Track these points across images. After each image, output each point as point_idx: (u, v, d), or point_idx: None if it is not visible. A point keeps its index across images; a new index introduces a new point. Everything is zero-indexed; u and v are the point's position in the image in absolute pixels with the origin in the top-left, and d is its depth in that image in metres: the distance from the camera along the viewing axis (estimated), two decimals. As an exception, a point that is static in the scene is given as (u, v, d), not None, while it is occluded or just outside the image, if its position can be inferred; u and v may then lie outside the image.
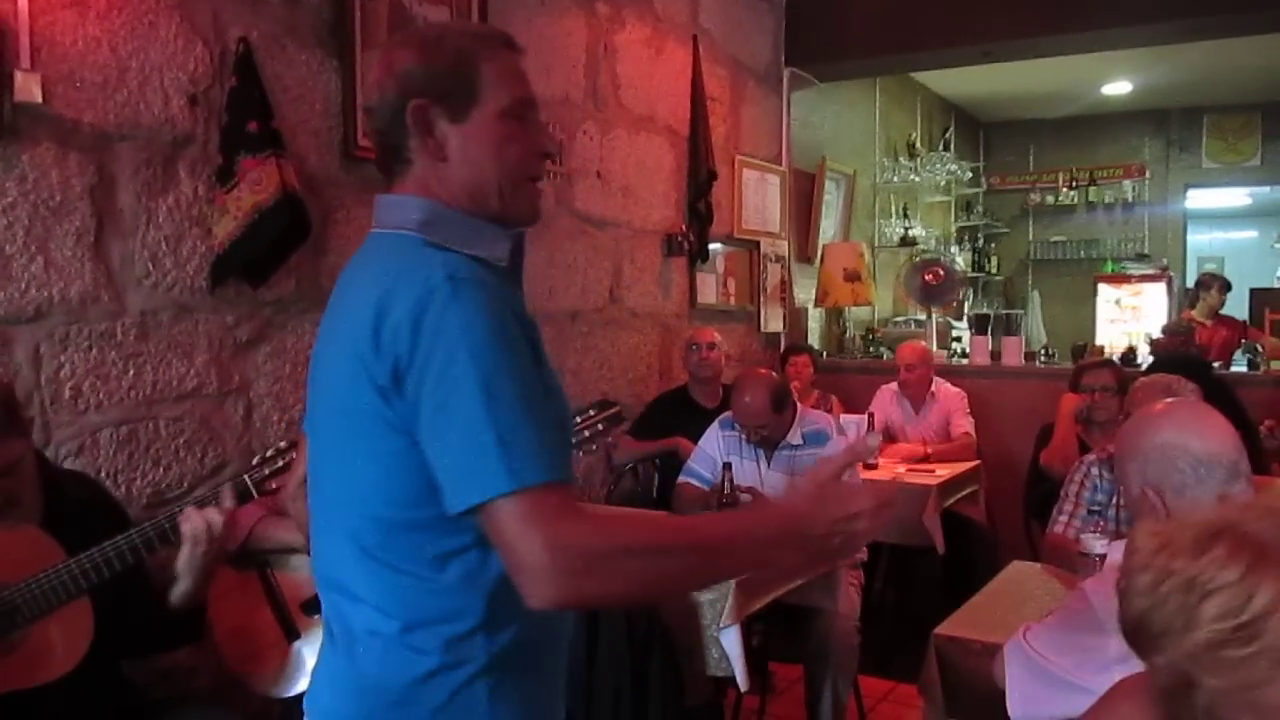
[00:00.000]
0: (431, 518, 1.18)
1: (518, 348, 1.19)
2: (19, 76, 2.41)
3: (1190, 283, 8.93)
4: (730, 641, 2.76)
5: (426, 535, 1.21)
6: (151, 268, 2.75)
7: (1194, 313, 6.48)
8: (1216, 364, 5.64)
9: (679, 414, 4.28)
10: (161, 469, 2.78)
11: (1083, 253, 9.56)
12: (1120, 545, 1.90)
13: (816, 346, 6.39)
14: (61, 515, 2.02)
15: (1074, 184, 9.57)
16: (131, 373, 2.71)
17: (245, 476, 2.03)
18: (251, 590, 2.44)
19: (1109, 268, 8.99)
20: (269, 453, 2.05)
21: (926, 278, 6.45)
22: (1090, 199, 9.56)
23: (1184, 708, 1.04)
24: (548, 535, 1.10)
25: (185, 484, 2.81)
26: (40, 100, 2.46)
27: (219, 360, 2.91)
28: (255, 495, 2.03)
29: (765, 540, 1.23)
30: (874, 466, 4.52)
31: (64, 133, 2.55)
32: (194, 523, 1.97)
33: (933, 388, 5.11)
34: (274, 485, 2.00)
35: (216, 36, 2.88)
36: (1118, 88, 8.49)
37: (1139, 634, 1.08)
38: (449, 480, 1.15)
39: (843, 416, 4.75)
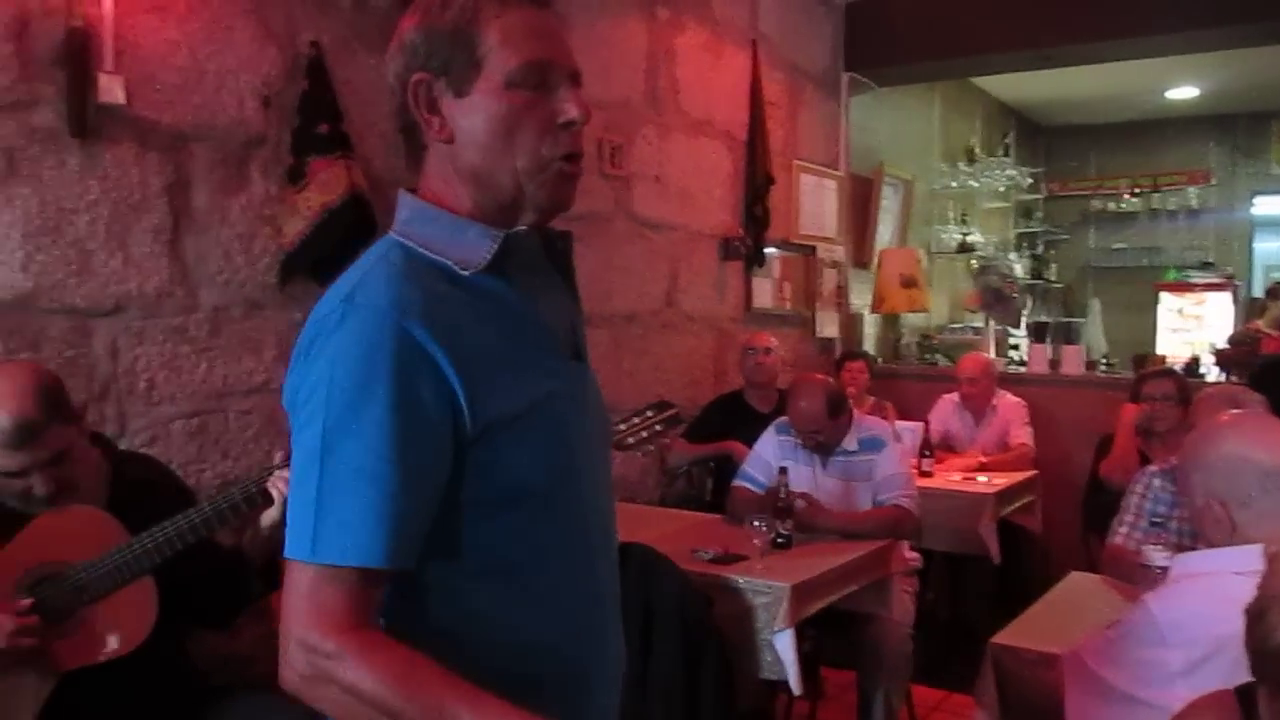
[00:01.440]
0: None
1: (385, 399, 1.03)
2: (103, 79, 2.50)
3: (1256, 292, 8.76)
4: (784, 645, 2.76)
5: None
6: (224, 264, 2.82)
7: (1260, 323, 6.35)
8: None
9: (734, 418, 4.29)
10: (230, 460, 2.86)
11: (1144, 260, 9.39)
12: (1184, 558, 1.89)
13: (872, 352, 6.37)
14: (125, 497, 2.08)
15: (1136, 190, 9.40)
16: (203, 366, 2.79)
17: None
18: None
19: (1171, 276, 8.83)
20: None
21: (1006, 286, 6.38)
22: (1153, 205, 9.39)
23: None
24: (305, 629, 1.02)
25: (252, 475, 2.88)
26: (123, 102, 2.55)
27: (286, 356, 2.95)
28: None
29: None
30: (929, 475, 4.50)
31: (144, 133, 2.63)
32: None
33: (994, 399, 5.07)
34: None
35: (289, 40, 2.95)
36: (1183, 92, 8.34)
37: (1267, 664, 1.08)
38: (287, 520, 1.08)
39: (898, 423, 4.73)
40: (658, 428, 2.37)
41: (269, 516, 2.04)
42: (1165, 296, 8.29)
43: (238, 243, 2.85)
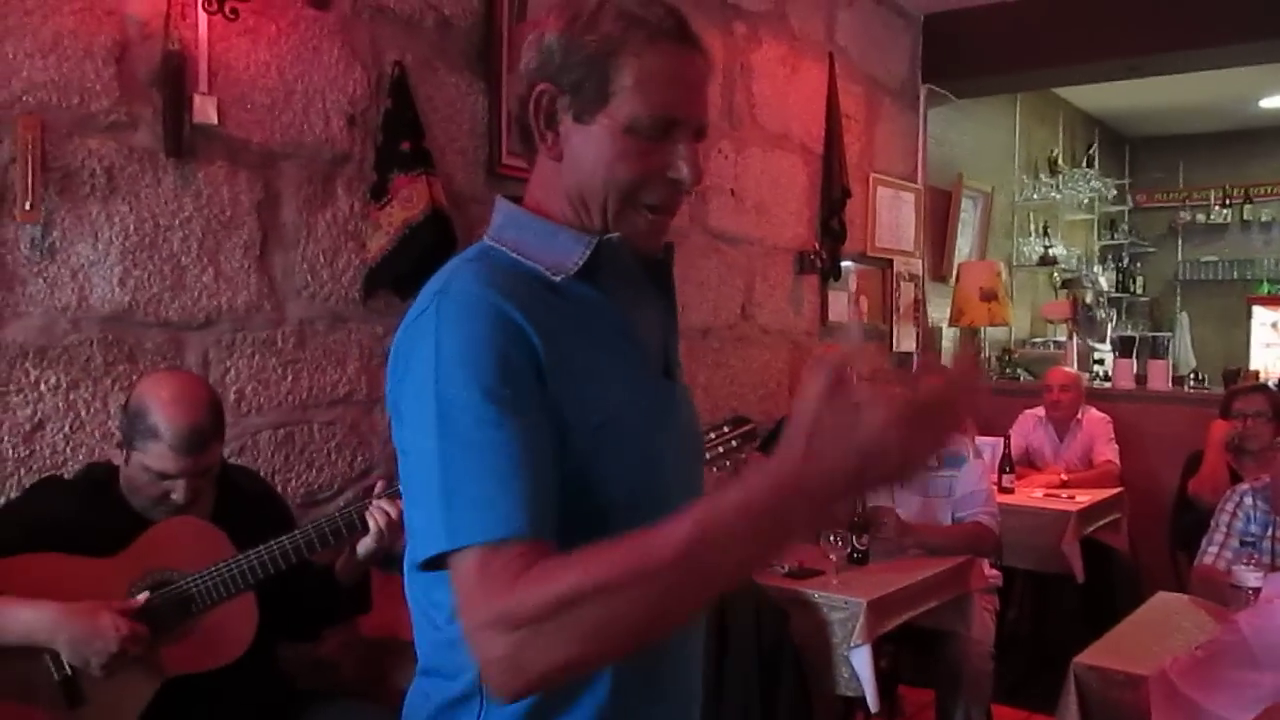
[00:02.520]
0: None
1: (490, 367, 1.00)
2: (198, 100, 2.59)
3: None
4: (860, 662, 2.74)
5: (424, 581, 1.10)
6: (310, 279, 2.90)
7: None
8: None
9: None
10: (314, 471, 2.93)
11: (1235, 273, 9.11)
12: (1275, 578, 1.83)
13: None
14: (230, 508, 2.18)
15: (1227, 201, 9.14)
16: (290, 378, 2.86)
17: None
18: (395, 592, 2.55)
19: (1264, 289, 8.56)
20: None
21: (1093, 304, 6.29)
22: (1245, 217, 9.12)
23: None
24: (480, 609, 0.94)
25: (336, 485, 2.96)
26: (215, 122, 2.64)
27: (369, 369, 3.04)
28: None
29: (752, 520, 0.90)
30: (1010, 491, 4.42)
31: (235, 152, 2.72)
32: (387, 513, 2.07)
33: (1079, 414, 4.97)
34: None
35: (374, 60, 3.03)
36: (1276, 101, 8.09)
37: None
38: (408, 527, 1.06)
39: (978, 439, 4.66)
40: (734, 443, 2.38)
41: (365, 545, 2.12)
42: (1258, 310, 8.04)
43: (323, 258, 2.93)
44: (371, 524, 2.08)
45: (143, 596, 1.94)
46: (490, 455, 0.99)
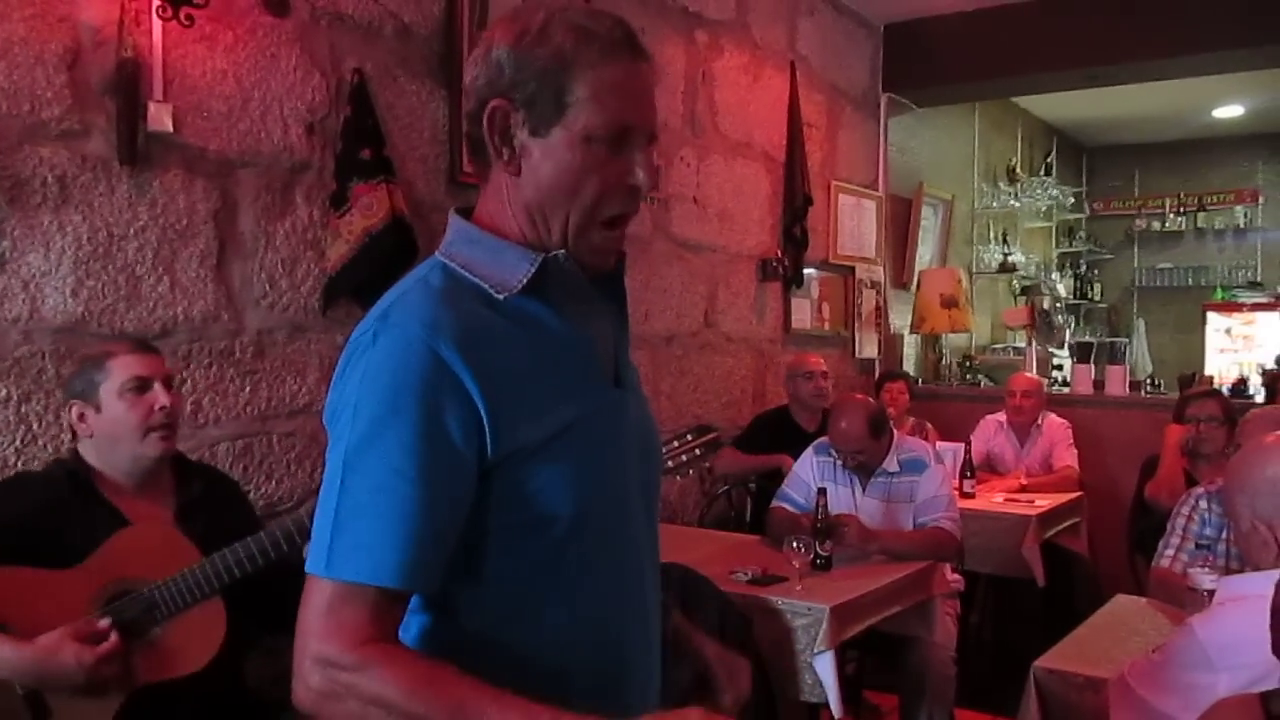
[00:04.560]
0: None
1: (410, 416, 1.03)
2: (152, 107, 2.56)
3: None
4: (824, 667, 2.74)
5: None
6: (269, 289, 2.87)
7: None
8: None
9: (780, 435, 4.27)
10: (274, 482, 2.89)
11: (1191, 280, 9.27)
12: (1231, 580, 1.86)
13: (912, 373, 6.32)
14: (192, 501, 2.15)
15: (1182, 209, 9.30)
16: (248, 389, 2.83)
17: None
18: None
19: (1219, 295, 8.70)
20: None
21: (1050, 311, 6.37)
22: (1199, 225, 9.28)
23: None
24: (322, 644, 1.02)
25: (296, 497, 2.92)
26: (171, 129, 2.61)
27: (329, 378, 3.00)
28: None
29: None
30: (971, 496, 4.46)
31: (191, 160, 2.69)
32: None
33: (1039, 420, 5.02)
34: None
35: (333, 68, 3.01)
36: (1229, 111, 8.24)
37: None
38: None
39: (939, 444, 4.69)
40: (698, 451, 2.37)
41: None
42: (1213, 316, 8.17)
43: (282, 267, 2.90)
44: None
45: (105, 622, 1.90)
46: (387, 501, 1.03)
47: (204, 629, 1.99)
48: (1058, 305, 6.40)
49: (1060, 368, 7.30)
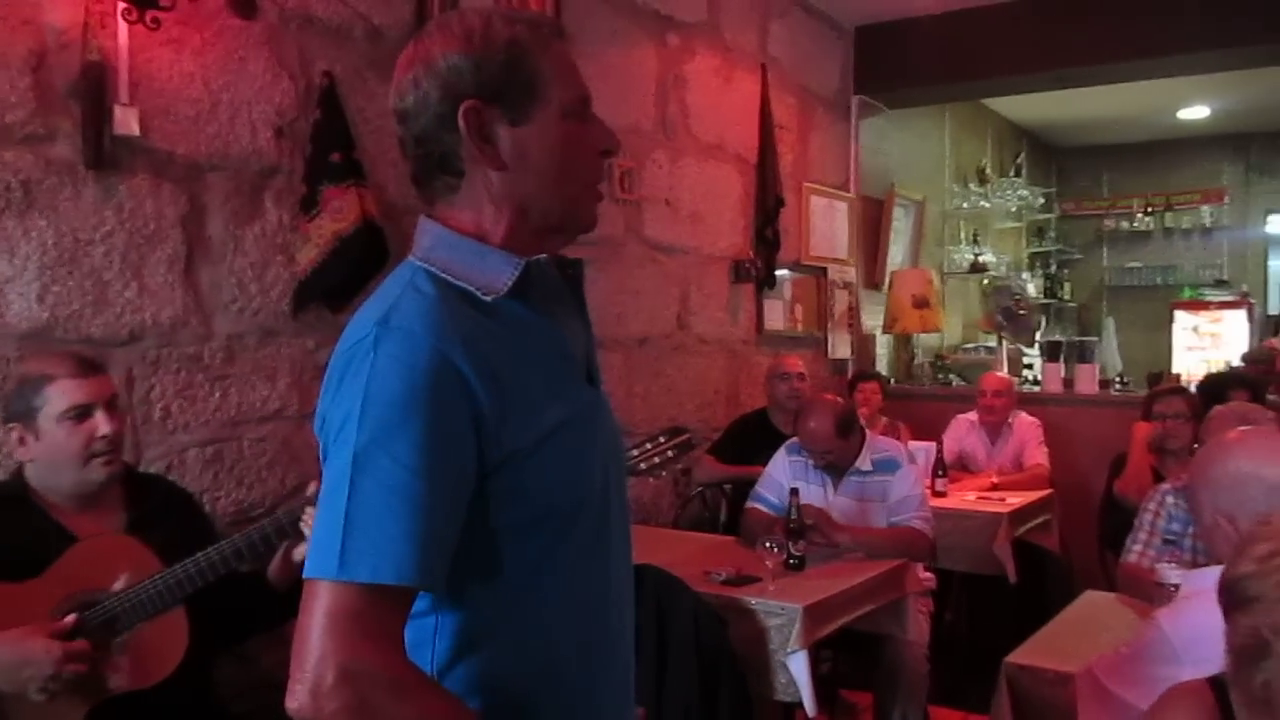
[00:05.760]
0: None
1: (421, 418, 1.04)
2: (119, 111, 2.53)
3: (1273, 309, 8.73)
4: (798, 667, 2.76)
5: None
6: (238, 293, 2.85)
7: (1276, 340, 6.32)
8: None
9: (759, 438, 4.27)
10: (245, 488, 2.88)
11: (1159, 279, 9.39)
12: (1196, 574, 1.88)
13: (885, 373, 6.36)
14: (148, 519, 2.11)
15: (1150, 209, 9.42)
16: (218, 394, 2.81)
17: None
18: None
19: (1187, 294, 8.81)
20: None
21: (1015, 302, 6.41)
22: (1167, 225, 9.40)
23: (1247, 677, 1.14)
24: (345, 653, 1.00)
25: (267, 503, 2.90)
26: (138, 133, 2.58)
27: (301, 383, 3.00)
28: None
29: None
30: (944, 495, 4.49)
31: (159, 164, 2.67)
32: None
33: (1010, 418, 5.07)
34: None
35: (302, 71, 2.99)
36: (1195, 112, 8.35)
37: (1232, 593, 1.18)
38: (310, 541, 1.08)
39: (911, 443, 4.72)
40: (670, 453, 2.37)
41: (300, 551, 2.05)
42: (1181, 315, 8.27)
43: (251, 271, 2.88)
44: (306, 530, 2.01)
45: (71, 618, 1.88)
46: (400, 501, 1.02)
47: (167, 639, 1.97)
48: (1017, 298, 6.45)
49: (1031, 367, 7.37)
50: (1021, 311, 6.36)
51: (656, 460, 2.35)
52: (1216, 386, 4.43)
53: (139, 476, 2.25)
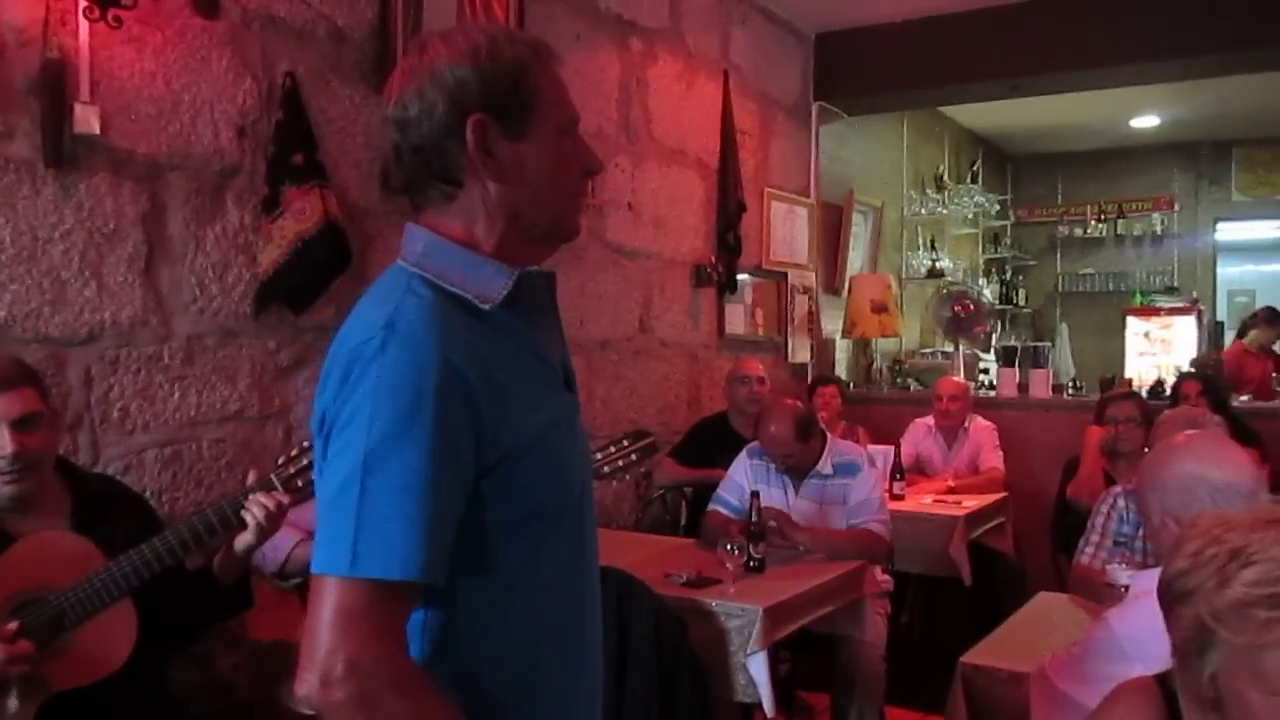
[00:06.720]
0: None
1: (428, 420, 1.07)
2: (79, 109, 2.51)
3: (1221, 315, 8.91)
4: (757, 668, 2.78)
5: None
6: (199, 293, 2.84)
7: (1245, 342, 6.44)
8: (1245, 397, 5.64)
9: (720, 442, 4.29)
10: (204, 489, 2.85)
11: (1111, 285, 9.56)
12: (1146, 575, 1.93)
13: (844, 377, 6.42)
14: (91, 516, 2.09)
15: (1102, 216, 9.58)
16: (177, 395, 2.79)
17: (272, 475, 2.01)
18: (289, 610, 2.50)
19: (1138, 300, 8.97)
20: (294, 452, 2.04)
21: (955, 309, 6.48)
22: (1119, 232, 9.56)
23: (1193, 667, 1.17)
24: (353, 647, 1.04)
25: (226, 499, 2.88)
26: (98, 132, 2.56)
27: (261, 384, 2.98)
28: (282, 490, 2.00)
29: None
30: (901, 498, 4.54)
31: (119, 163, 2.65)
32: (264, 506, 1.97)
33: (966, 423, 5.14)
34: (300, 483, 2.02)
35: (265, 71, 2.98)
36: (1146, 121, 8.51)
37: (1170, 590, 1.21)
38: (316, 538, 1.10)
39: (870, 447, 4.77)
40: (634, 457, 2.40)
41: (244, 540, 2.03)
42: (1132, 320, 8.42)
43: (212, 272, 2.86)
44: (250, 519, 1.98)
45: (13, 625, 1.86)
46: (410, 501, 1.06)
47: (114, 633, 1.95)
48: (965, 303, 6.54)
49: (987, 371, 7.46)
50: (964, 316, 6.43)
51: (620, 463, 2.38)
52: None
53: (84, 475, 2.23)
